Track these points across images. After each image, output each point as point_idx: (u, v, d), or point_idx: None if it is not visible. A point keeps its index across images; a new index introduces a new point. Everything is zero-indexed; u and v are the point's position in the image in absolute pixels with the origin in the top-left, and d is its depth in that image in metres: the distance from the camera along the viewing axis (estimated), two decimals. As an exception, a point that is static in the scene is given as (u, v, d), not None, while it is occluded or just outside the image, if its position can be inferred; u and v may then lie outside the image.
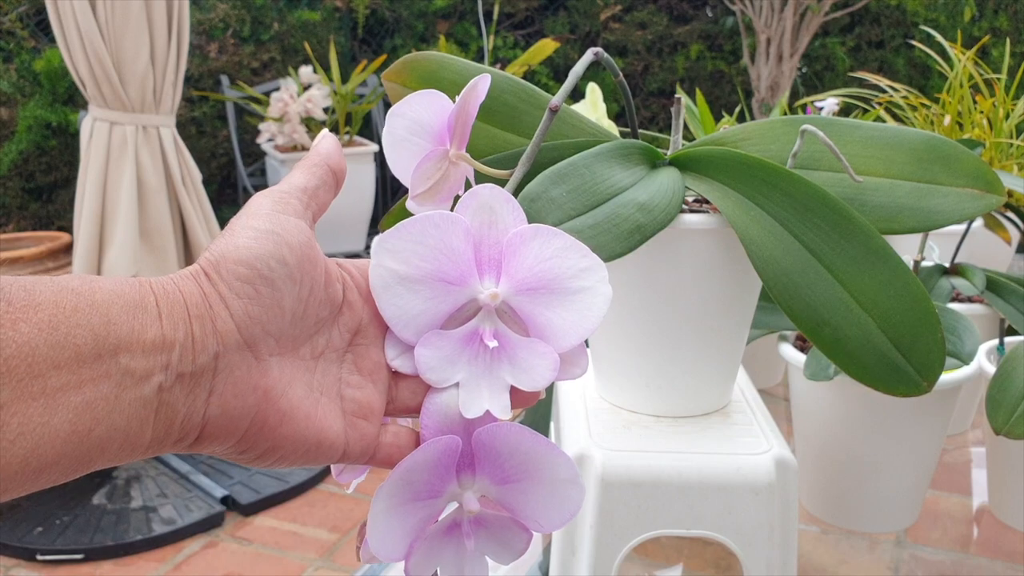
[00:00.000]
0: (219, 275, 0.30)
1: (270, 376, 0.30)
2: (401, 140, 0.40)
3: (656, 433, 0.62)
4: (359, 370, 0.34)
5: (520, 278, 0.33)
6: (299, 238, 0.32)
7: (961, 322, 0.82)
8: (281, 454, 0.31)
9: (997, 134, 1.29)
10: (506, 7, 2.52)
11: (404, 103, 0.40)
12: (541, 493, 0.34)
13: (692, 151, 0.58)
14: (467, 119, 0.39)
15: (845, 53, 2.51)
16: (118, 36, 1.47)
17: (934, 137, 0.56)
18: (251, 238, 0.31)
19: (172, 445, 0.30)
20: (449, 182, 0.40)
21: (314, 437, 0.31)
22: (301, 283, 0.31)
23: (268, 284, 0.30)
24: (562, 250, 0.33)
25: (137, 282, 0.29)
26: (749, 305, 0.63)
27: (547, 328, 0.33)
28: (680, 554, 0.90)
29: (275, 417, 0.30)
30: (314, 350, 0.33)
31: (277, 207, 0.32)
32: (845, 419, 0.83)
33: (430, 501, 0.33)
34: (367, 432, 0.33)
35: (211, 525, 1.33)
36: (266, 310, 0.30)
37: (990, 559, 0.90)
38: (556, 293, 0.33)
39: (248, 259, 0.30)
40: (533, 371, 0.33)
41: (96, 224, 1.53)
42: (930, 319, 0.50)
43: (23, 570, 1.25)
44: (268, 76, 2.42)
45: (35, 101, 2.08)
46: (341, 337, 0.34)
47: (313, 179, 0.34)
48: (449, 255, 0.33)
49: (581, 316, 0.33)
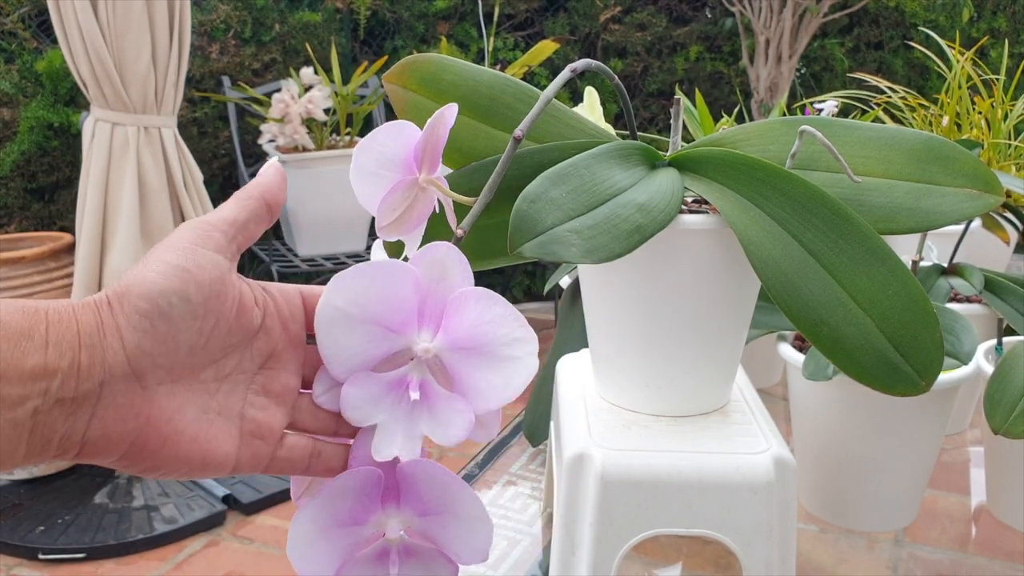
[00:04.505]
0: (120, 306, 0.31)
1: (155, 404, 0.32)
2: (369, 173, 0.40)
3: (655, 432, 0.62)
4: (266, 392, 0.35)
5: (456, 336, 0.35)
6: (211, 274, 0.32)
7: (959, 322, 0.82)
8: (165, 470, 0.33)
9: (995, 135, 1.29)
10: (506, 8, 2.52)
11: (371, 137, 0.41)
12: (458, 527, 0.35)
13: (691, 152, 0.58)
14: (436, 144, 0.40)
15: (844, 54, 2.51)
16: (120, 37, 1.48)
17: (932, 137, 0.56)
18: (159, 272, 0.32)
19: (52, 457, 0.31)
20: (416, 209, 0.41)
21: (199, 458, 0.33)
22: (204, 318, 0.32)
23: (165, 320, 0.31)
24: (501, 317, 0.35)
25: (32, 309, 0.30)
26: (748, 305, 0.63)
27: (471, 388, 0.35)
28: (679, 553, 0.91)
29: (156, 441, 0.32)
30: (219, 372, 0.34)
31: (197, 240, 0.33)
32: (844, 419, 0.84)
33: (355, 528, 0.35)
34: (261, 451, 0.34)
35: (213, 524, 1.34)
36: (159, 344, 0.31)
37: (988, 558, 0.90)
38: (486, 356, 0.35)
39: (149, 294, 0.31)
40: (449, 426, 0.34)
41: (98, 224, 1.53)
42: (928, 319, 0.51)
43: (25, 569, 1.25)
44: (269, 77, 2.42)
45: (37, 102, 2.08)
46: (252, 360, 0.35)
47: (244, 212, 0.35)
48: (395, 303, 0.34)
49: (505, 383, 0.35)
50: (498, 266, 0.56)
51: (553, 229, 0.48)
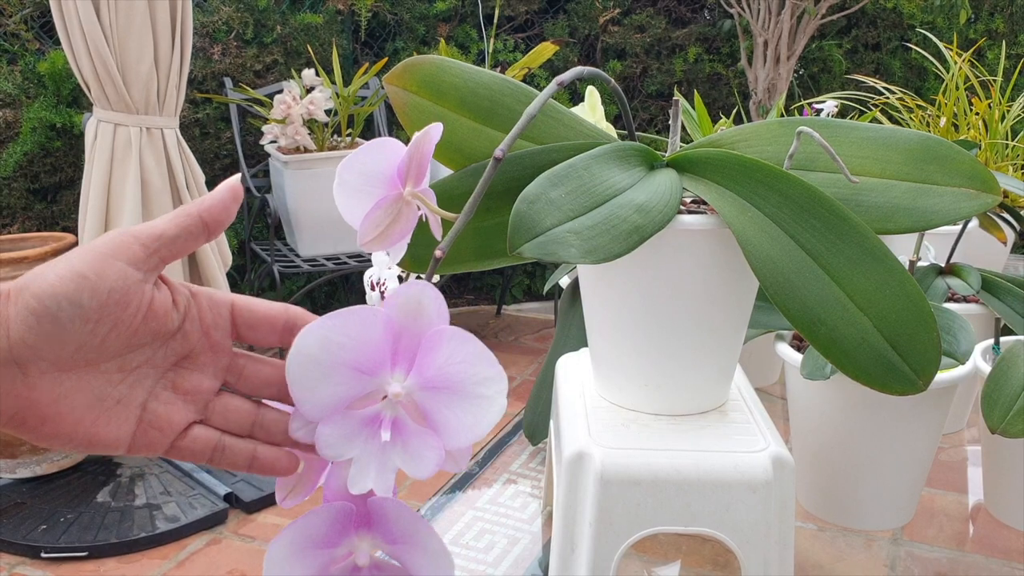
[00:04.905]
0: (15, 300, 0.34)
1: (37, 389, 0.34)
2: (354, 190, 0.42)
3: (655, 431, 0.63)
4: (175, 388, 0.37)
5: (428, 375, 0.36)
6: (113, 284, 0.34)
7: (957, 321, 0.83)
8: (51, 443, 0.36)
9: (992, 135, 1.29)
10: (506, 10, 2.53)
11: (356, 154, 0.42)
12: (423, 557, 0.37)
13: (690, 153, 0.59)
14: (422, 159, 0.41)
15: (842, 55, 2.51)
16: (122, 38, 1.48)
17: (929, 138, 0.56)
18: (58, 275, 0.34)
19: None
20: (400, 224, 0.42)
21: (83, 437, 0.36)
22: (99, 322, 0.34)
23: (52, 321, 0.33)
24: (472, 356, 0.36)
25: None
26: (746, 305, 0.64)
27: (443, 425, 0.36)
28: (678, 551, 0.91)
29: (35, 419, 0.34)
30: (124, 365, 0.36)
31: (112, 250, 0.35)
32: (842, 418, 0.84)
33: (329, 550, 0.37)
34: (155, 440, 0.37)
35: (214, 522, 1.34)
36: (44, 340, 0.34)
37: (986, 556, 0.91)
38: (457, 395, 0.36)
39: (41, 295, 0.33)
40: (421, 461, 0.36)
41: (100, 225, 1.54)
42: (926, 318, 0.51)
43: (27, 567, 1.26)
44: (271, 78, 2.43)
45: (39, 103, 2.09)
46: (166, 359, 0.37)
47: (174, 228, 0.36)
48: (366, 348, 0.36)
49: (475, 420, 0.36)
50: (498, 266, 0.56)
51: (552, 230, 0.48)
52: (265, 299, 0.40)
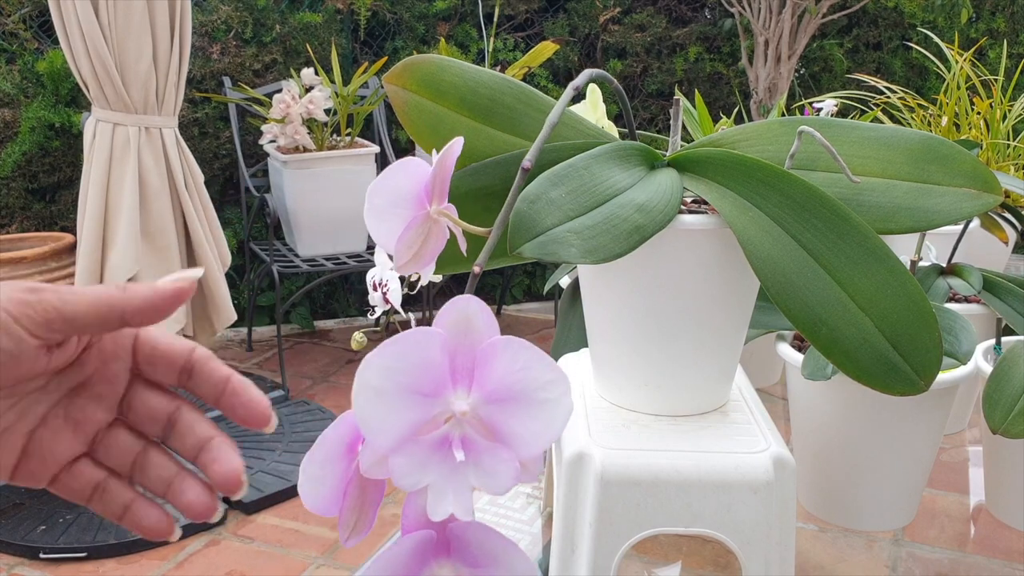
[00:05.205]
0: None
1: None
2: (384, 213, 0.42)
3: (655, 432, 0.63)
4: (66, 417, 0.36)
5: (490, 389, 0.36)
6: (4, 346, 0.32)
7: (958, 322, 0.83)
8: None
9: (994, 135, 1.29)
10: (506, 9, 2.53)
11: (383, 177, 0.42)
12: None
13: (690, 152, 0.59)
14: (445, 176, 0.41)
15: (843, 55, 2.51)
16: (121, 38, 1.48)
17: (931, 137, 0.56)
18: None
19: None
20: (431, 243, 0.42)
21: None
22: None
23: None
24: (530, 362, 0.35)
25: None
26: (747, 305, 0.64)
27: (512, 436, 0.36)
28: (679, 552, 0.91)
29: None
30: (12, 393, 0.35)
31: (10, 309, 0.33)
32: (843, 418, 0.84)
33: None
34: (38, 471, 0.36)
35: (213, 523, 1.34)
36: None
37: (987, 558, 0.90)
38: (522, 404, 0.35)
39: None
40: (497, 476, 0.35)
41: (99, 225, 1.54)
42: (927, 319, 0.51)
43: (26, 568, 1.26)
44: (270, 78, 2.43)
45: (38, 102, 2.08)
46: (59, 387, 0.36)
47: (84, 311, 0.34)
48: (426, 370, 0.35)
49: (544, 427, 0.35)
50: (498, 267, 0.56)
51: (552, 230, 0.48)
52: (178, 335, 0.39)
